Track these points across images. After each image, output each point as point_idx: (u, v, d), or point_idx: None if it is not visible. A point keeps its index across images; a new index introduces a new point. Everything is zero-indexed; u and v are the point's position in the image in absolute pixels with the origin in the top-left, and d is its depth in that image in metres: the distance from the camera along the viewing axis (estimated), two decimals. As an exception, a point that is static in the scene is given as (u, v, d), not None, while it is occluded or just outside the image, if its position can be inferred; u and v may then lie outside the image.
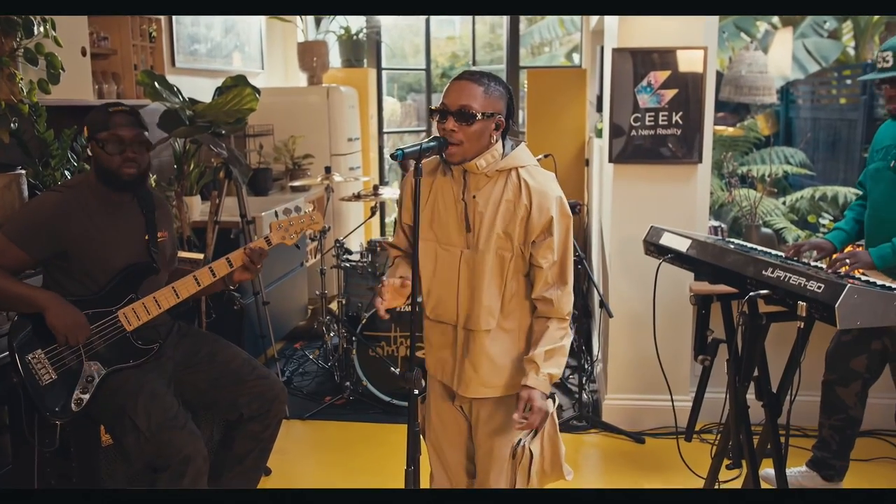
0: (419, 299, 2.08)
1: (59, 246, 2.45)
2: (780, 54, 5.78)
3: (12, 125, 3.19)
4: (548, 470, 2.22)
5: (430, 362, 2.31)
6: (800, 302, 2.27)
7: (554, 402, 2.25)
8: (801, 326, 2.35)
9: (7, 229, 2.44)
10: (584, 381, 4.01)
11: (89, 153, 2.51)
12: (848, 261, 2.73)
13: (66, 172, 3.41)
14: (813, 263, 2.75)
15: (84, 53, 3.58)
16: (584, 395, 4.00)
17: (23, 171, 3.22)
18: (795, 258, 2.77)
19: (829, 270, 2.55)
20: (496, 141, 2.12)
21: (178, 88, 3.68)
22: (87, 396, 2.44)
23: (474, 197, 2.12)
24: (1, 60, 3.03)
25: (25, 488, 2.54)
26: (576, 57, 8.88)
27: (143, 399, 2.43)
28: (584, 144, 6.22)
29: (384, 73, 7.23)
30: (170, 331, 2.71)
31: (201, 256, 3.62)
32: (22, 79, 3.12)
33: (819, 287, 2.21)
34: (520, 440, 2.18)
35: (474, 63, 8.05)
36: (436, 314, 2.21)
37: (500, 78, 2.15)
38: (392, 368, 4.01)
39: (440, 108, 2.06)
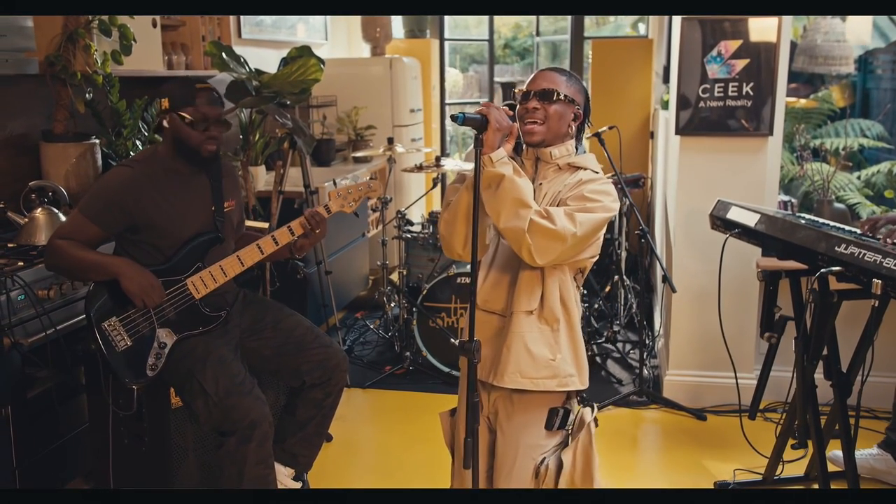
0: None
1: (130, 220, 2.52)
2: (860, 21, 5.52)
3: (87, 95, 3.29)
4: (577, 481, 2.13)
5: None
6: (875, 279, 2.20)
7: (593, 410, 2.19)
8: (876, 305, 2.28)
9: (82, 206, 2.52)
10: (644, 357, 3.97)
11: (165, 125, 2.55)
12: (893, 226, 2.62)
13: (138, 142, 3.50)
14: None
15: (154, 25, 3.66)
16: (645, 371, 3.96)
17: (97, 141, 3.32)
18: (871, 234, 2.68)
19: (887, 242, 2.45)
20: (573, 135, 2.14)
21: (244, 59, 3.73)
22: (160, 363, 2.52)
23: (541, 184, 2.13)
24: (77, 32, 3.12)
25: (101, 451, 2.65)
26: (641, 27, 8.67)
27: (211, 365, 2.50)
28: (650, 117, 6.10)
29: (447, 43, 7.19)
30: (236, 298, 2.77)
31: (266, 225, 3.69)
32: (96, 50, 3.20)
33: (896, 264, 2.14)
34: (543, 458, 2.12)
35: (538, 34, 7.95)
36: (487, 304, 2.17)
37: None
38: (451, 339, 4.03)
39: (524, 91, 2.11)
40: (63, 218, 2.89)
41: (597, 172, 2.14)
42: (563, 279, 2.12)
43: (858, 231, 2.69)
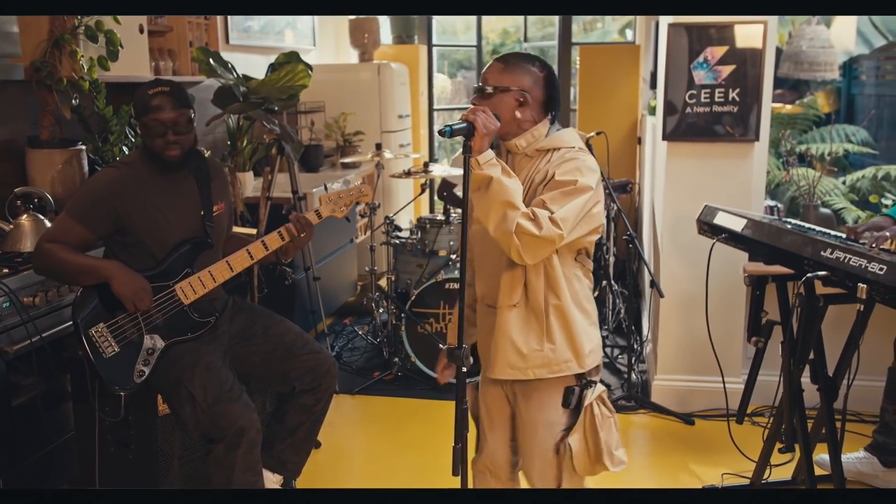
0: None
1: (117, 222, 2.51)
2: (844, 28, 5.57)
3: (73, 101, 3.27)
4: (593, 461, 2.15)
5: (480, 349, 2.28)
6: (860, 284, 2.21)
7: (593, 391, 2.16)
8: (861, 309, 2.29)
9: (69, 208, 2.51)
10: (633, 362, 3.98)
11: (138, 131, 2.55)
12: (887, 233, 2.60)
13: (125, 148, 3.49)
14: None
15: (141, 31, 3.64)
16: (633, 376, 3.97)
17: (83, 147, 3.30)
18: (855, 238, 2.69)
19: (873, 246, 2.46)
20: (537, 119, 2.11)
21: (232, 65, 3.72)
22: (148, 369, 2.51)
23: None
24: (63, 38, 3.10)
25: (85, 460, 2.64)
26: (628, 33, 8.71)
27: (199, 371, 2.49)
28: (637, 122, 6.13)
29: (435, 49, 7.20)
30: (225, 305, 2.76)
31: (254, 231, 3.68)
32: (83, 56, 3.19)
33: (881, 269, 2.16)
34: (563, 436, 2.13)
35: (525, 39, 7.97)
36: (485, 298, 2.18)
37: (538, 58, 2.14)
38: (440, 345, 4.03)
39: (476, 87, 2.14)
40: (49, 224, 2.87)
41: (573, 147, 2.09)
42: (552, 266, 2.08)
43: (844, 236, 2.71)
